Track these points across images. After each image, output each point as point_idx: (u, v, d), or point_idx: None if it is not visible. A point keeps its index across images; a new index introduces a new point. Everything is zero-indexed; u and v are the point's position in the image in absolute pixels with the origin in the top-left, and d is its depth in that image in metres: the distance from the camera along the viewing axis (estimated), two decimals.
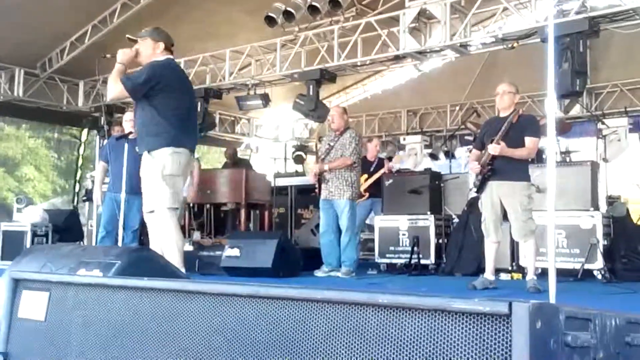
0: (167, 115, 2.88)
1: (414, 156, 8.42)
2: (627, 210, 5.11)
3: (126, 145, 4.02)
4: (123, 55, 3.01)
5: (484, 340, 0.68)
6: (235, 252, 4.91)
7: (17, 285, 1.14)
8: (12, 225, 6.21)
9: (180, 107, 2.95)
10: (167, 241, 2.82)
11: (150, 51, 3.02)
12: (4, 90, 7.39)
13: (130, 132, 4.48)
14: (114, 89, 2.92)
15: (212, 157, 10.07)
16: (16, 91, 7.40)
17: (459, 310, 0.70)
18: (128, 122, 4.63)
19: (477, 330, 0.69)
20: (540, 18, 5.11)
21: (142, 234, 4.99)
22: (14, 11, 6.28)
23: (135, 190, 4.55)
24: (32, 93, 7.59)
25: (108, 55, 3.17)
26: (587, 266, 4.44)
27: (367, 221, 6.37)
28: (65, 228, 6.45)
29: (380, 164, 6.09)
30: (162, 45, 3.05)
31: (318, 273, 4.93)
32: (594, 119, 7.01)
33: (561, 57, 4.66)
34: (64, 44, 7.13)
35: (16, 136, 7.87)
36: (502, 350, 0.66)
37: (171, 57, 3.08)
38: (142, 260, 1.75)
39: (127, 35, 3.10)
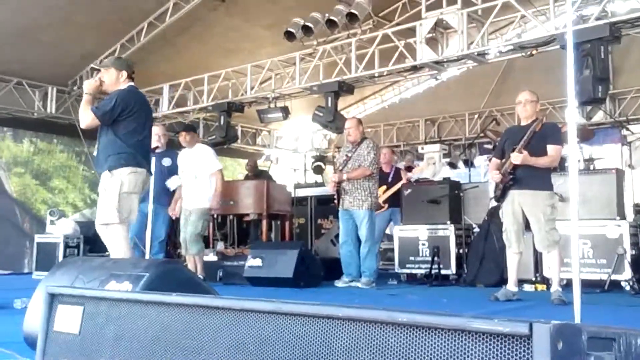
0: (127, 138, 3.14)
1: (432, 165, 8.38)
2: None
3: (153, 159, 4.18)
4: (88, 85, 3.23)
5: None
6: (258, 262, 4.96)
7: (53, 299, 1.19)
8: (46, 237, 6.42)
9: (140, 131, 3.20)
10: (117, 252, 3.06)
11: (113, 79, 3.22)
12: (37, 107, 7.69)
13: (157, 147, 4.72)
14: (86, 118, 3.15)
15: (230, 168, 10.21)
16: (49, 108, 7.68)
17: (478, 330, 0.71)
18: (157, 135, 4.83)
19: (497, 350, 0.69)
20: (559, 25, 5.06)
21: (168, 244, 5.10)
22: (46, 33, 6.57)
23: (161, 201, 4.72)
24: (64, 110, 7.89)
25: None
26: (614, 277, 4.33)
27: (387, 231, 6.36)
28: (95, 239, 6.61)
29: (397, 173, 6.08)
30: (124, 73, 3.25)
31: (338, 283, 4.94)
32: (617, 125, 6.87)
33: (582, 63, 4.60)
34: (94, 62, 7.40)
35: (48, 150, 8.17)
36: None
37: (132, 84, 3.30)
38: (170, 272, 1.80)
39: (91, 65, 3.35)
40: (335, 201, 4.99)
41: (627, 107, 7.69)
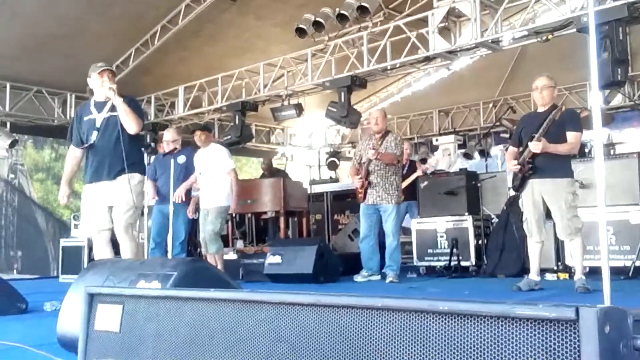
0: (140, 148, 3.40)
1: (447, 157, 8.32)
2: None
3: (172, 161, 4.30)
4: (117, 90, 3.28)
5: (550, 347, 0.69)
6: (277, 259, 5.00)
7: (93, 299, 1.23)
8: (71, 241, 6.56)
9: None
10: (133, 252, 3.25)
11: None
12: (57, 114, 7.83)
13: (175, 149, 4.94)
14: (139, 122, 3.27)
15: (245, 167, 10.27)
16: (69, 114, 7.82)
17: (522, 316, 0.72)
18: (168, 142, 4.99)
19: (542, 336, 0.70)
20: (575, 7, 4.96)
21: (188, 244, 5.18)
22: (62, 43, 6.69)
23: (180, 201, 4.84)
24: None
25: None
26: (638, 263, 4.26)
27: (403, 224, 6.34)
28: (118, 242, 6.74)
29: (412, 166, 6.05)
30: None
31: (357, 278, 4.94)
32: (637, 108, 6.73)
33: (600, 46, 4.50)
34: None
35: None
36: (570, 356, 0.67)
37: None
38: (197, 270, 1.83)
39: (104, 67, 3.33)
40: (360, 195, 4.91)
41: None
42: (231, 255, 5.79)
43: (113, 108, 3.25)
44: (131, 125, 3.18)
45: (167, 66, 7.26)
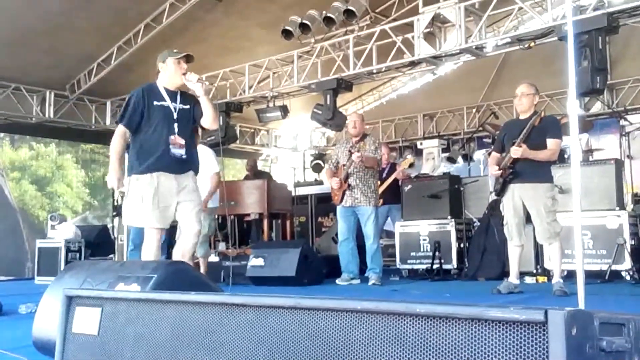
0: None
1: (431, 160, 8.40)
2: None
3: None
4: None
5: (521, 347, 0.71)
6: (260, 261, 4.98)
7: (71, 301, 1.21)
8: (47, 242, 6.40)
9: None
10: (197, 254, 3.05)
11: None
12: (35, 112, 7.69)
13: None
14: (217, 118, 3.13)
15: (229, 168, 10.24)
16: (47, 113, 7.68)
17: (495, 318, 0.74)
18: None
19: (513, 337, 0.72)
20: (557, 16, 5.07)
21: (168, 246, 5.10)
22: (43, 39, 6.56)
23: None
24: (62, 114, 7.89)
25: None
26: (614, 267, 4.37)
27: (385, 227, 6.39)
28: (96, 243, 6.63)
29: (392, 169, 6.10)
30: None
31: (340, 282, 4.94)
32: (615, 116, 6.90)
33: (580, 54, 4.62)
34: (91, 65, 7.39)
35: (46, 155, 8.18)
36: (539, 356, 0.69)
37: None
38: (178, 273, 1.82)
39: (185, 54, 3.13)
40: (336, 197, 4.94)
41: (624, 97, 7.71)
42: (213, 258, 5.75)
43: (184, 100, 3.07)
44: (215, 123, 3.07)
45: (151, 65, 7.07)
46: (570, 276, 3.89)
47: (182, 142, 3.00)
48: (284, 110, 7.27)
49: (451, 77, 8.50)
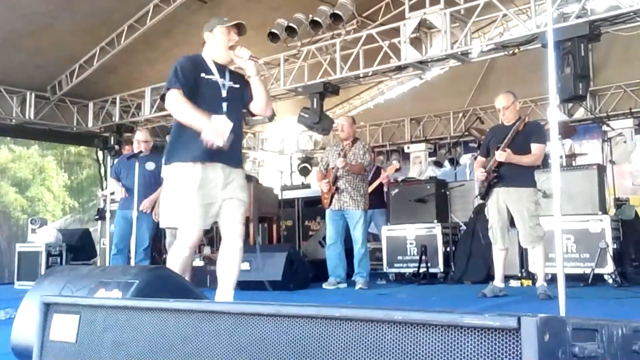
0: None
1: (418, 164, 8.46)
2: (636, 213, 5.11)
3: (137, 164, 4.10)
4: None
5: (495, 353, 0.72)
6: (246, 266, 4.94)
7: (48, 308, 1.19)
8: (27, 246, 6.28)
9: None
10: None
11: None
12: (15, 113, 7.56)
13: (141, 152, 4.57)
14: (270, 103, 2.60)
15: None
16: (27, 114, 7.56)
17: (470, 325, 0.74)
18: (140, 141, 4.70)
19: (487, 343, 0.73)
20: (540, 23, 5.16)
21: (153, 250, 5.03)
22: (25, 40, 6.46)
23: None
24: (43, 115, 7.77)
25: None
26: (597, 271, 4.43)
27: (370, 231, 6.39)
28: (78, 247, 6.53)
29: (377, 173, 6.13)
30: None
31: (327, 286, 4.94)
32: (598, 121, 7.02)
33: (563, 61, 4.69)
34: (73, 66, 7.30)
35: (27, 157, 8.04)
36: None
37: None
38: (160, 279, 1.80)
39: (235, 22, 2.59)
40: (325, 201, 4.94)
41: (607, 103, 7.86)
42: (198, 262, 5.70)
43: (234, 78, 2.56)
44: (268, 108, 2.52)
45: (134, 67, 7.07)
46: (554, 279, 3.93)
47: (231, 125, 2.43)
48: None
49: (438, 82, 8.58)
